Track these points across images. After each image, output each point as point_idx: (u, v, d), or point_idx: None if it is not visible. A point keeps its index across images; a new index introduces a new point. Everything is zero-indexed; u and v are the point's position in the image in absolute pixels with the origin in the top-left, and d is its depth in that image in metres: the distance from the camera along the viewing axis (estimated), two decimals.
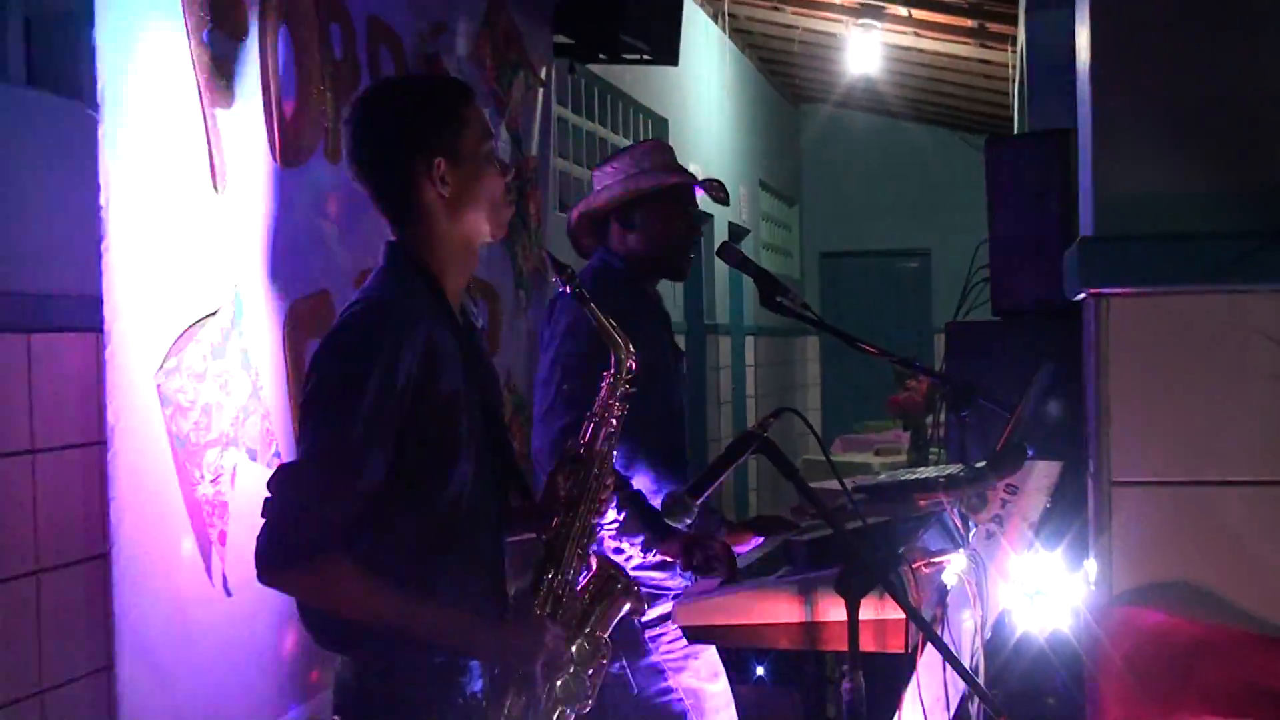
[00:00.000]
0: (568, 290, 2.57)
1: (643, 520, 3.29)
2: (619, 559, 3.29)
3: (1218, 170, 2.48)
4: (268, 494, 2.29)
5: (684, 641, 3.19)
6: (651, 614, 3.33)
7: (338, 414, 2.28)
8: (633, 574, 3.31)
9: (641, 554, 3.31)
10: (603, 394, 2.60)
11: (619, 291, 3.46)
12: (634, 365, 2.60)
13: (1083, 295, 2.60)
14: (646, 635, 3.37)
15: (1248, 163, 2.47)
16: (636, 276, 3.57)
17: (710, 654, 3.47)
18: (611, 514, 3.22)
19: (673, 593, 3.32)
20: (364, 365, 2.28)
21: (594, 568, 2.58)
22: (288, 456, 3.08)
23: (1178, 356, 2.49)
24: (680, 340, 5.01)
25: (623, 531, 3.28)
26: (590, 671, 2.50)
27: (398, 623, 2.31)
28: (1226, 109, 2.48)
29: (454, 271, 2.48)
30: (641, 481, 3.40)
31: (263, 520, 2.27)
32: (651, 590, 3.33)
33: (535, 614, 2.45)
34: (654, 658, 3.39)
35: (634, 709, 3.42)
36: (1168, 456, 2.49)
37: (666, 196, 3.54)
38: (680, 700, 3.40)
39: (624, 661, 3.38)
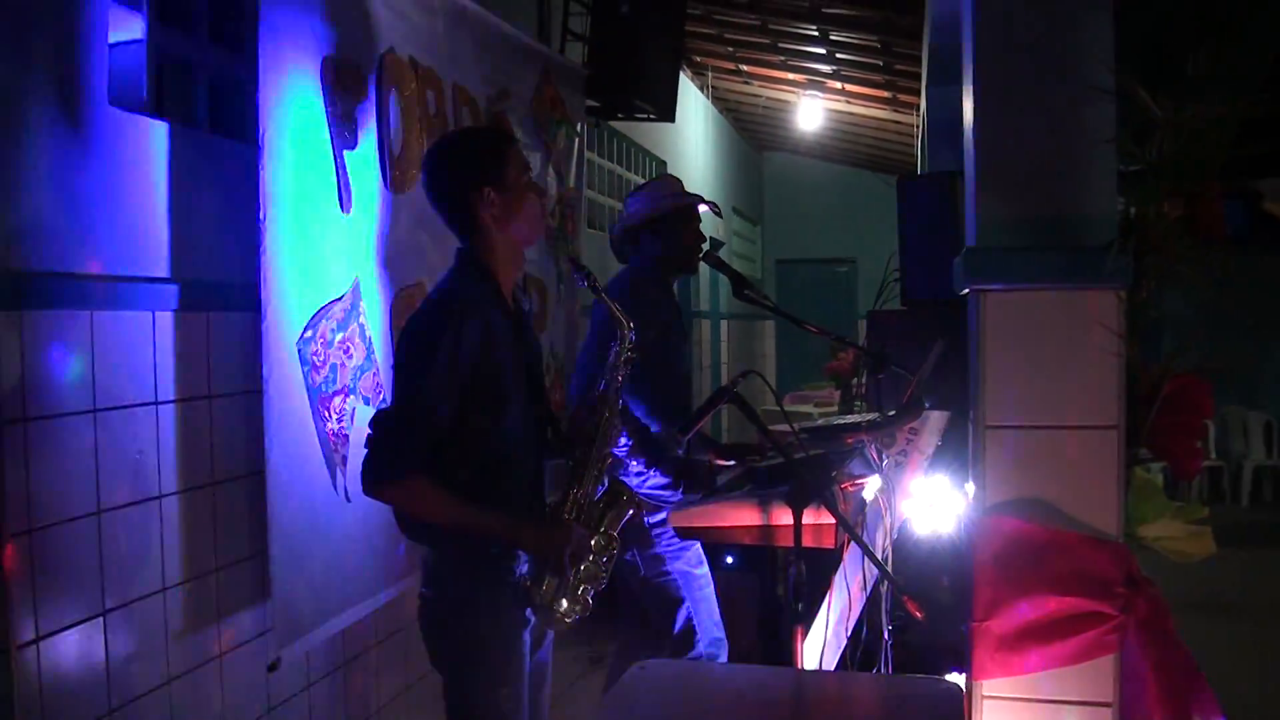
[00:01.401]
0: (585, 284, 2.55)
1: (646, 447, 3.30)
2: (630, 472, 3.31)
3: (1061, 200, 2.48)
4: (368, 431, 2.31)
5: (679, 538, 3.21)
6: (656, 518, 3.35)
7: (418, 373, 2.29)
8: (645, 491, 3.34)
9: (643, 468, 3.31)
10: (611, 358, 2.58)
11: (652, 287, 3.46)
12: (634, 337, 2.58)
13: (967, 291, 2.60)
14: (653, 533, 3.38)
15: (1080, 195, 2.47)
16: (662, 275, 3.56)
17: (697, 548, 3.48)
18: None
19: (671, 503, 3.34)
20: (437, 338, 2.28)
21: (607, 485, 2.58)
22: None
23: (1035, 336, 2.49)
24: None
25: (632, 453, 3.29)
26: (605, 560, 2.50)
27: (464, 523, 2.32)
28: (1067, 155, 2.48)
29: (506, 269, 2.46)
30: (656, 425, 3.37)
31: (365, 449, 2.29)
32: (657, 501, 3.35)
33: (564, 518, 2.45)
34: (657, 549, 3.41)
35: (641, 585, 3.45)
36: (1026, 408, 2.49)
37: (684, 213, 3.53)
38: (675, 580, 3.42)
39: (635, 551, 3.41)
